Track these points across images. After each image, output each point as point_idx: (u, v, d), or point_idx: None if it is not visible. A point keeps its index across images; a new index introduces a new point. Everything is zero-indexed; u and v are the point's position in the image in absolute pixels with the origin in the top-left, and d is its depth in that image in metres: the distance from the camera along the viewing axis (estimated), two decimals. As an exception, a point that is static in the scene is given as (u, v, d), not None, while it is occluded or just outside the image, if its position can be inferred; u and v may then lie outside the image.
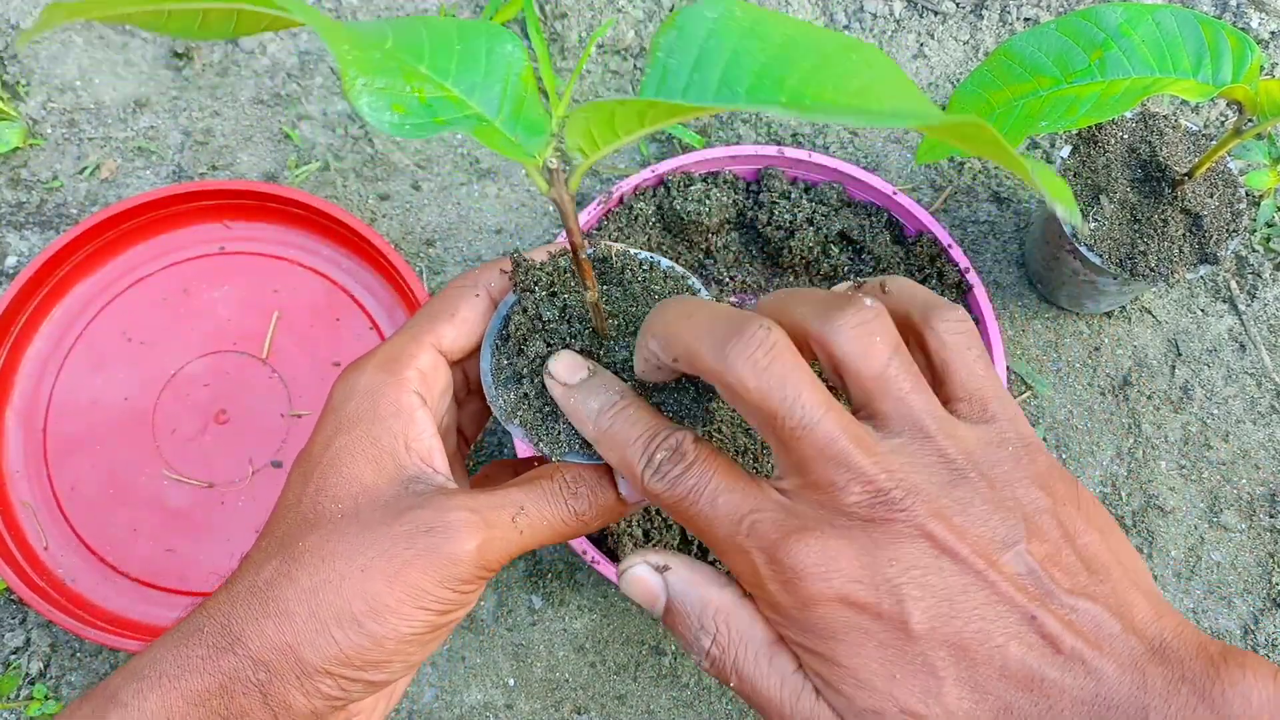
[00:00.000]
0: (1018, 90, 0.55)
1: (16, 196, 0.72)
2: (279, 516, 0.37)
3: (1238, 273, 0.73)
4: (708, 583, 0.34)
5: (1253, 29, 0.78)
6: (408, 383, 0.38)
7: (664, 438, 0.34)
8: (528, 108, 0.32)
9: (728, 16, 0.28)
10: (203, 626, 0.34)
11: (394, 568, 0.34)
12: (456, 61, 0.32)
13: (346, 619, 0.34)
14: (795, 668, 0.33)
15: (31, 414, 0.66)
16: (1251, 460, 0.69)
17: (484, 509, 0.35)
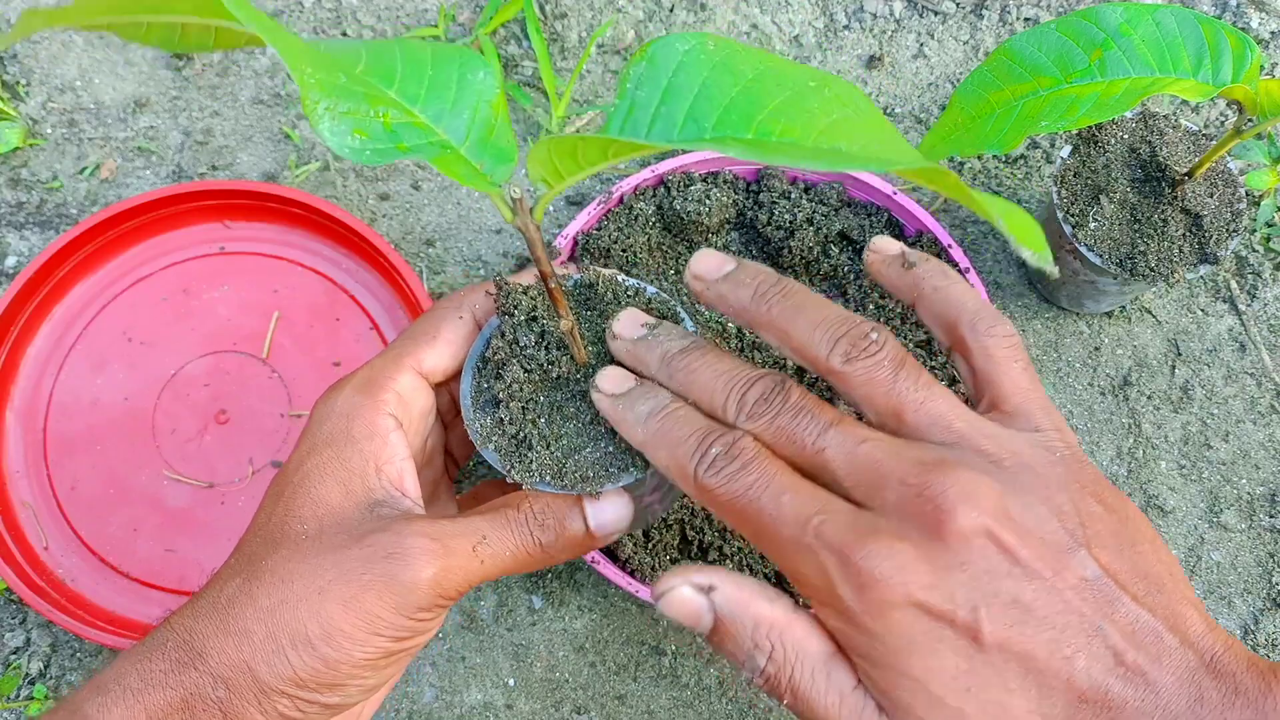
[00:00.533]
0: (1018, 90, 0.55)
1: (16, 196, 0.72)
2: (250, 534, 0.37)
3: (1238, 273, 0.73)
4: (757, 598, 0.33)
5: (1253, 29, 0.78)
6: (383, 405, 0.37)
7: (719, 435, 0.34)
8: (496, 135, 0.32)
9: (699, 49, 0.27)
10: (166, 641, 0.34)
11: (350, 592, 0.34)
12: (427, 87, 0.31)
13: (301, 640, 0.33)
14: (855, 684, 0.32)
15: (31, 414, 0.66)
16: (1251, 460, 0.69)
17: (444, 536, 0.35)
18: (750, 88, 0.26)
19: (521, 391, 0.38)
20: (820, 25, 0.77)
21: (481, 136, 0.32)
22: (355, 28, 0.75)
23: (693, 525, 0.60)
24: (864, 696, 0.32)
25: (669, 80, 0.27)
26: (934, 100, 0.76)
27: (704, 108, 0.26)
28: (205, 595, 0.36)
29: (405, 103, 0.31)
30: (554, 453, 0.38)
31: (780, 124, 0.25)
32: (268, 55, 0.75)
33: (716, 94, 0.26)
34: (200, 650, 0.34)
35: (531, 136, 0.74)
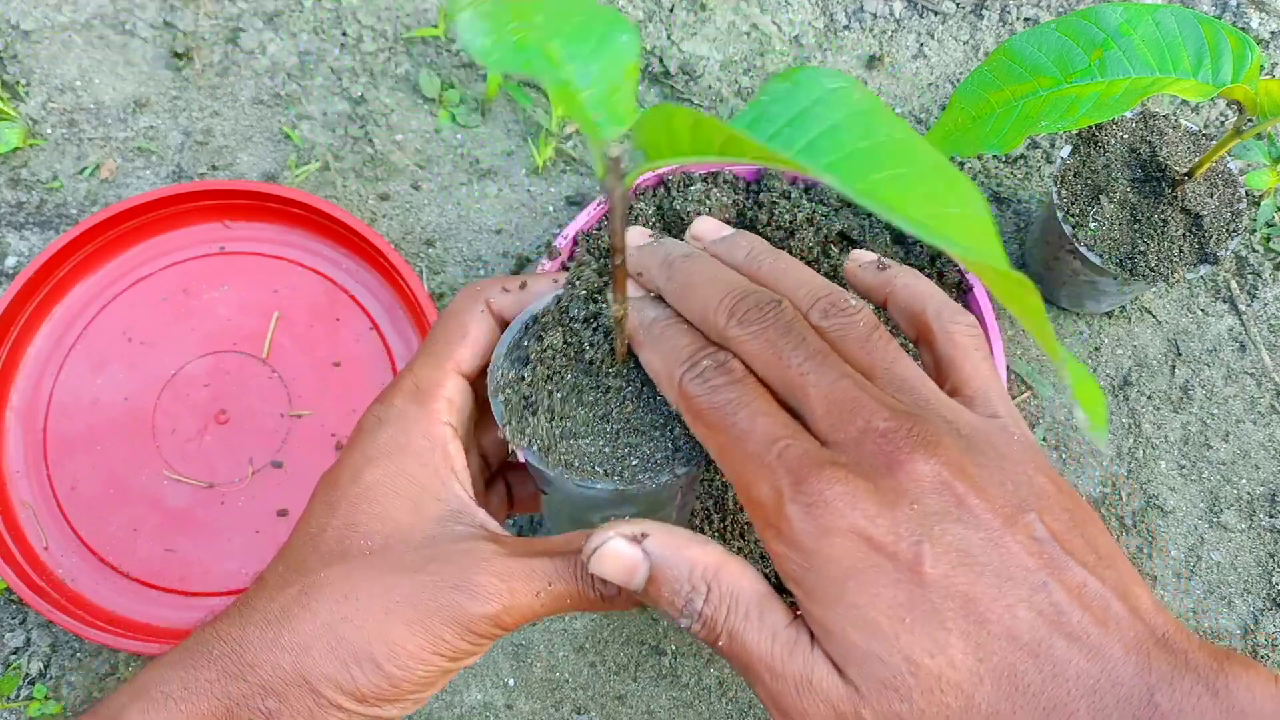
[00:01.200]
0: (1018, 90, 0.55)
1: (16, 196, 0.72)
2: (300, 541, 0.37)
3: (1238, 273, 0.73)
4: (690, 543, 0.33)
5: (1253, 29, 0.78)
6: (438, 414, 0.37)
7: (714, 351, 0.35)
8: (620, 97, 0.31)
9: (843, 93, 0.27)
10: (212, 649, 0.34)
11: (417, 615, 0.34)
12: (571, 27, 0.32)
13: (365, 659, 0.33)
14: (788, 622, 0.32)
15: (31, 414, 0.66)
16: (1251, 460, 0.69)
17: (512, 579, 0.35)
18: (878, 148, 0.26)
19: (553, 360, 0.38)
20: (820, 25, 0.77)
21: (604, 93, 0.31)
22: (355, 28, 0.75)
23: (692, 525, 0.60)
24: (797, 633, 0.32)
25: (804, 108, 0.27)
26: (934, 100, 0.76)
27: (826, 145, 0.26)
28: (254, 603, 0.35)
29: (547, 32, 0.31)
30: (553, 429, 0.38)
31: (891, 192, 0.25)
32: (268, 55, 0.75)
33: (844, 139, 0.27)
34: (251, 661, 0.33)
35: (531, 137, 0.74)
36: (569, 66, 0.31)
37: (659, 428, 0.38)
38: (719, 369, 0.34)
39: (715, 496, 0.61)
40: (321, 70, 0.75)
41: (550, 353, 0.38)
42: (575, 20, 0.32)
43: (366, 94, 0.74)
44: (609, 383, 0.38)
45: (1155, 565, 0.67)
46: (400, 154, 0.74)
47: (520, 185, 0.73)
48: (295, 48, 0.75)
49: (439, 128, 0.74)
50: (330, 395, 0.67)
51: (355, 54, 0.75)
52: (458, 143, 0.74)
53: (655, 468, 0.37)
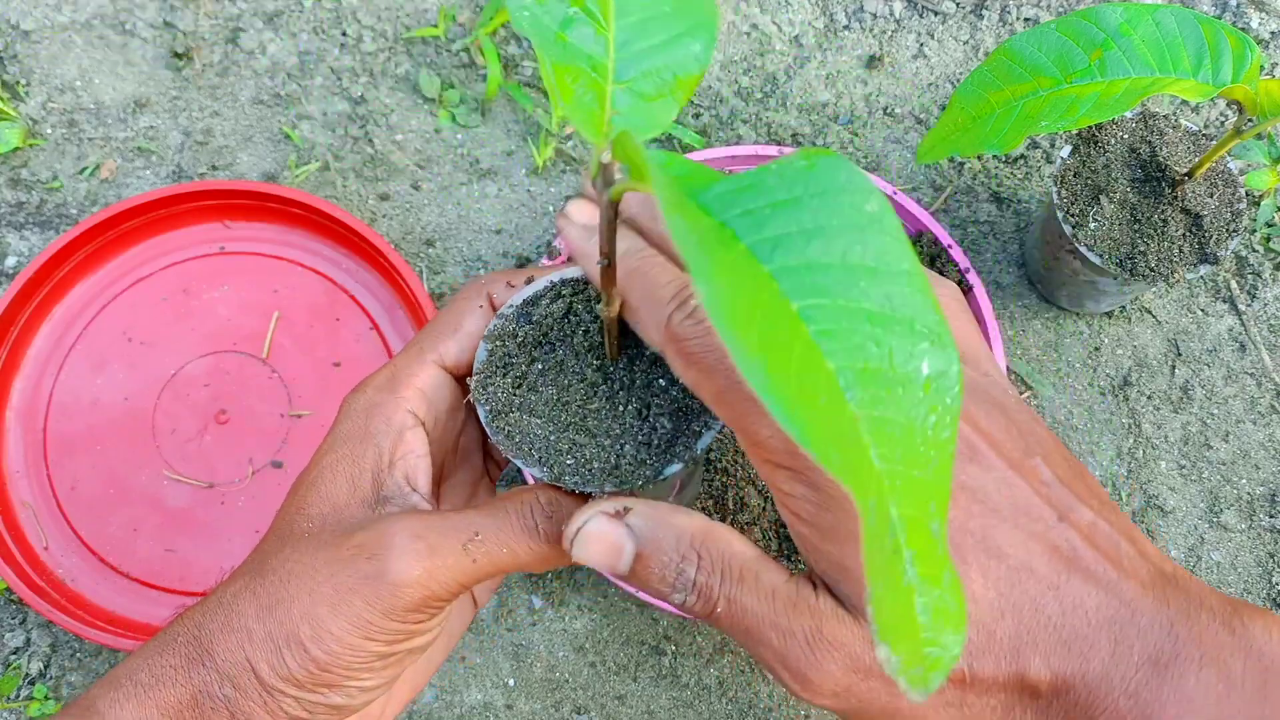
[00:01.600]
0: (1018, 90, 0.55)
1: (16, 196, 0.72)
2: (268, 531, 0.37)
3: (1238, 273, 0.73)
4: (673, 514, 0.32)
5: (1253, 29, 0.78)
6: (403, 401, 0.37)
7: None
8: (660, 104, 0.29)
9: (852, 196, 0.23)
10: (177, 636, 0.34)
11: (339, 594, 0.33)
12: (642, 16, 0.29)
13: (294, 641, 0.33)
14: (786, 578, 0.31)
15: (31, 414, 0.66)
16: (1251, 460, 0.69)
17: (430, 534, 0.33)
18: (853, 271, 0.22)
19: (535, 366, 0.37)
20: (820, 25, 0.77)
21: (647, 92, 0.29)
22: (355, 28, 0.75)
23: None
24: (799, 586, 0.31)
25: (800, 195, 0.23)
26: (934, 100, 0.76)
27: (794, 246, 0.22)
28: (218, 591, 0.35)
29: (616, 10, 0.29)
30: (512, 397, 0.37)
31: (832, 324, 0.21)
32: (268, 55, 0.75)
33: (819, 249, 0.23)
34: (208, 647, 0.34)
35: (531, 137, 0.74)
36: (617, 53, 0.29)
37: (611, 437, 0.36)
38: None
39: (715, 496, 0.61)
40: (321, 70, 0.75)
41: (546, 327, 0.38)
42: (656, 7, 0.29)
43: (366, 94, 0.74)
44: (585, 374, 0.37)
45: (1155, 565, 0.67)
46: (400, 154, 0.74)
47: (520, 185, 0.73)
48: (295, 48, 0.75)
49: (439, 128, 0.74)
50: (330, 395, 0.67)
51: (355, 54, 0.75)
52: (458, 143, 0.74)
53: (588, 475, 0.35)
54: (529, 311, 0.39)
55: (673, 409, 0.37)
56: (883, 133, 0.75)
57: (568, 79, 0.28)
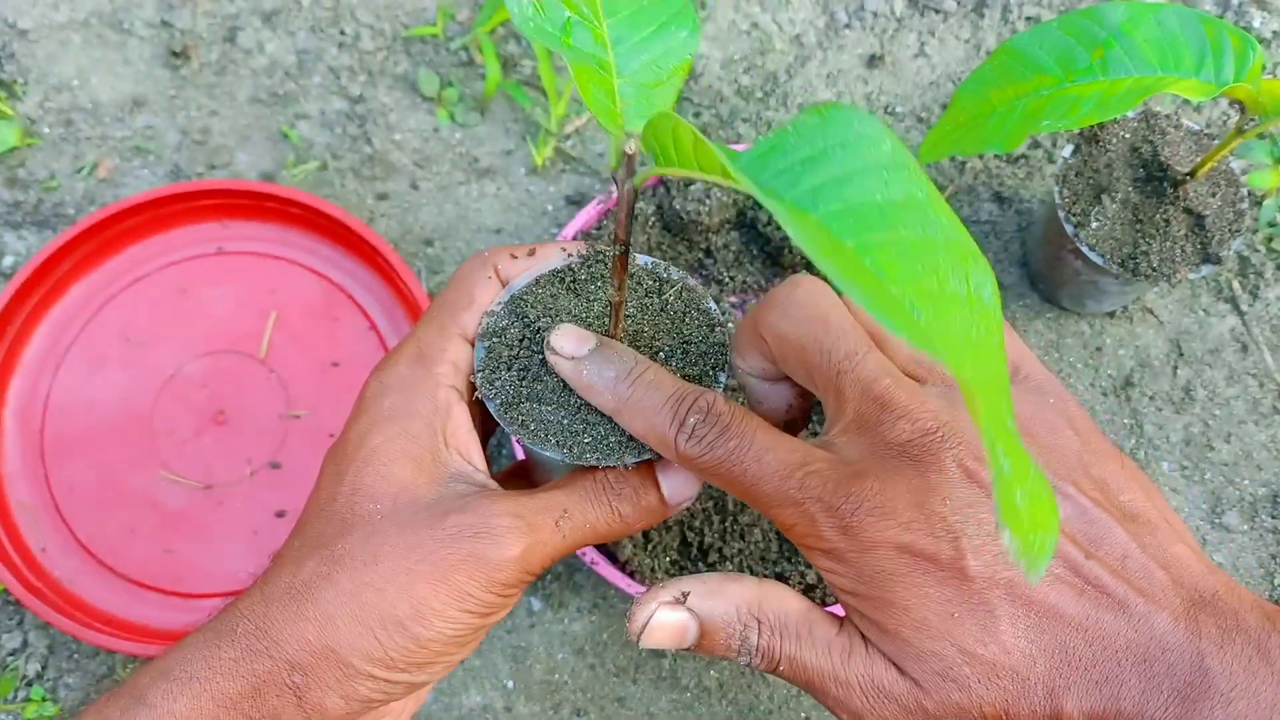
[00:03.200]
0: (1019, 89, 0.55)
1: (13, 196, 0.71)
2: (312, 514, 0.37)
3: (1240, 273, 0.72)
4: (726, 584, 0.34)
5: (1255, 28, 0.77)
6: (442, 376, 0.37)
7: (692, 400, 0.34)
8: (659, 92, 0.31)
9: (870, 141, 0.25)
10: (235, 627, 0.34)
11: (439, 572, 0.34)
12: (630, 12, 0.31)
13: (391, 622, 0.33)
14: (836, 632, 0.33)
15: (29, 415, 0.66)
16: (1254, 461, 0.68)
17: (528, 514, 0.35)
18: (888, 209, 0.24)
19: (547, 342, 0.37)
20: (821, 24, 0.77)
21: (647, 83, 0.31)
22: (353, 26, 0.75)
23: (691, 527, 0.60)
24: (849, 639, 0.33)
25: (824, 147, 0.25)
26: (935, 99, 0.75)
27: (831, 192, 0.24)
28: (275, 580, 0.35)
29: (604, 10, 0.31)
30: (520, 388, 0.37)
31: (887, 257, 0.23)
32: (266, 54, 0.75)
33: (853, 191, 0.24)
34: (275, 637, 0.33)
35: (530, 136, 0.73)
36: (614, 49, 0.30)
37: None
38: (708, 422, 0.33)
39: (715, 498, 0.61)
40: (319, 69, 0.75)
41: (539, 320, 0.38)
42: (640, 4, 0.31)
43: (365, 93, 0.74)
44: None
45: (1157, 566, 0.67)
46: (398, 153, 0.73)
47: (519, 184, 0.73)
48: (293, 46, 0.75)
49: (437, 126, 0.74)
50: (328, 395, 0.67)
51: (353, 52, 0.75)
52: (456, 141, 0.74)
53: (606, 451, 0.36)
54: (519, 307, 0.39)
55: (682, 375, 0.37)
56: (883, 132, 0.74)
57: (585, 80, 0.29)
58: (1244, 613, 0.31)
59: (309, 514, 0.37)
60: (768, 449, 0.33)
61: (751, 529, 0.60)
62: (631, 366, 0.35)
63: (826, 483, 0.32)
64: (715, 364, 0.38)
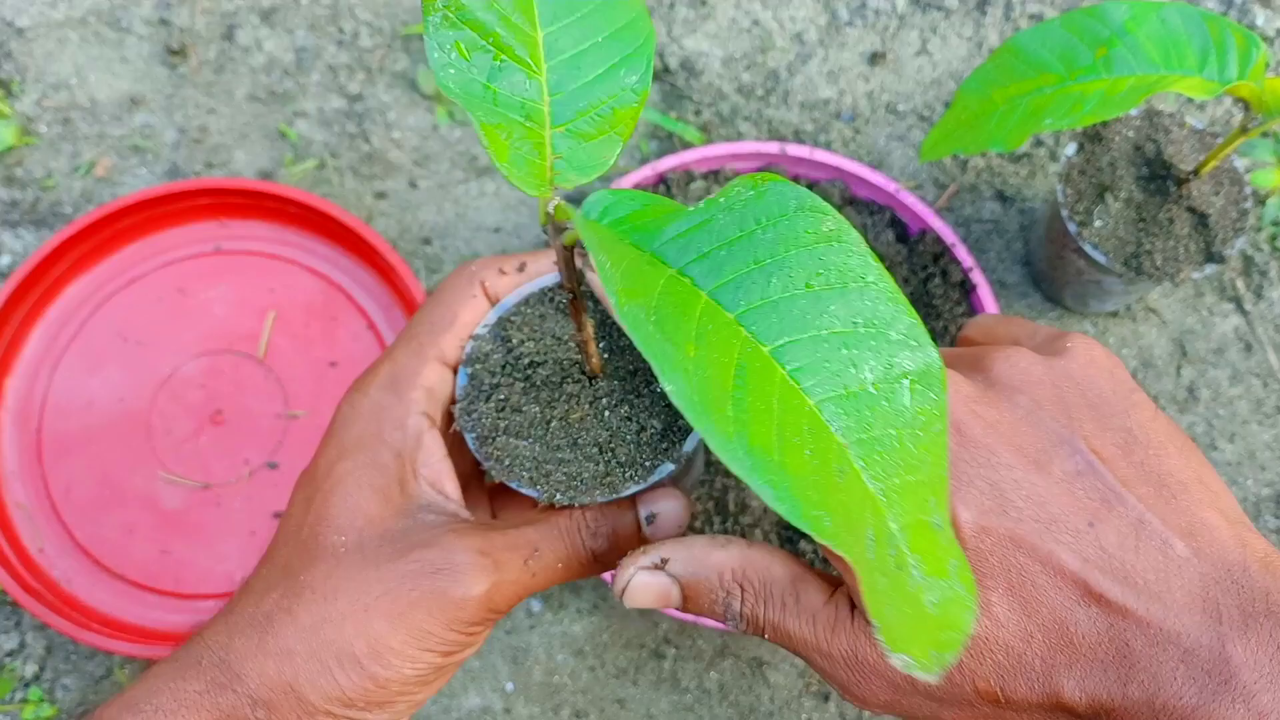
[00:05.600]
0: (1022, 87, 0.54)
1: (10, 195, 0.71)
2: (280, 541, 0.36)
3: (1244, 272, 0.72)
4: (711, 550, 0.33)
5: (1258, 26, 0.77)
6: (414, 403, 0.36)
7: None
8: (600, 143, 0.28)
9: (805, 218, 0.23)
10: (200, 659, 0.33)
11: (398, 609, 0.33)
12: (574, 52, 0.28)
13: (348, 659, 0.32)
14: (825, 600, 0.31)
15: (26, 415, 0.66)
16: (1257, 461, 0.68)
17: (495, 550, 0.34)
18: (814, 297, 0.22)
19: (523, 352, 0.37)
20: (822, 22, 0.76)
21: (587, 132, 0.28)
22: (352, 24, 0.75)
23: (692, 527, 0.59)
24: (836, 608, 0.31)
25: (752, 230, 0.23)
26: (937, 97, 0.75)
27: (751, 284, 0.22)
28: (240, 610, 0.34)
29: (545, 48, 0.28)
30: (497, 420, 0.36)
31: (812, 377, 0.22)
32: (264, 52, 0.74)
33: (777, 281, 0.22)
34: (238, 671, 0.33)
35: (530, 134, 0.73)
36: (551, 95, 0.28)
37: (599, 446, 0.36)
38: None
39: (716, 498, 0.60)
40: (318, 67, 0.74)
41: (523, 345, 0.37)
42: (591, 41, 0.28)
43: (364, 91, 0.74)
44: (567, 388, 0.37)
45: (1160, 567, 0.66)
46: (397, 151, 0.73)
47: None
48: (291, 44, 0.75)
49: (436, 125, 0.74)
50: (327, 395, 0.67)
51: (352, 50, 0.74)
52: (455, 140, 0.73)
53: (579, 488, 0.35)
54: (505, 330, 0.38)
55: (657, 411, 0.36)
56: (885, 130, 0.74)
57: (500, 135, 0.27)
58: (1277, 591, 0.27)
59: (277, 540, 0.36)
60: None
61: (753, 529, 0.60)
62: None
63: None
64: None
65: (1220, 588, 0.28)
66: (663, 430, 0.36)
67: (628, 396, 0.37)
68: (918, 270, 0.65)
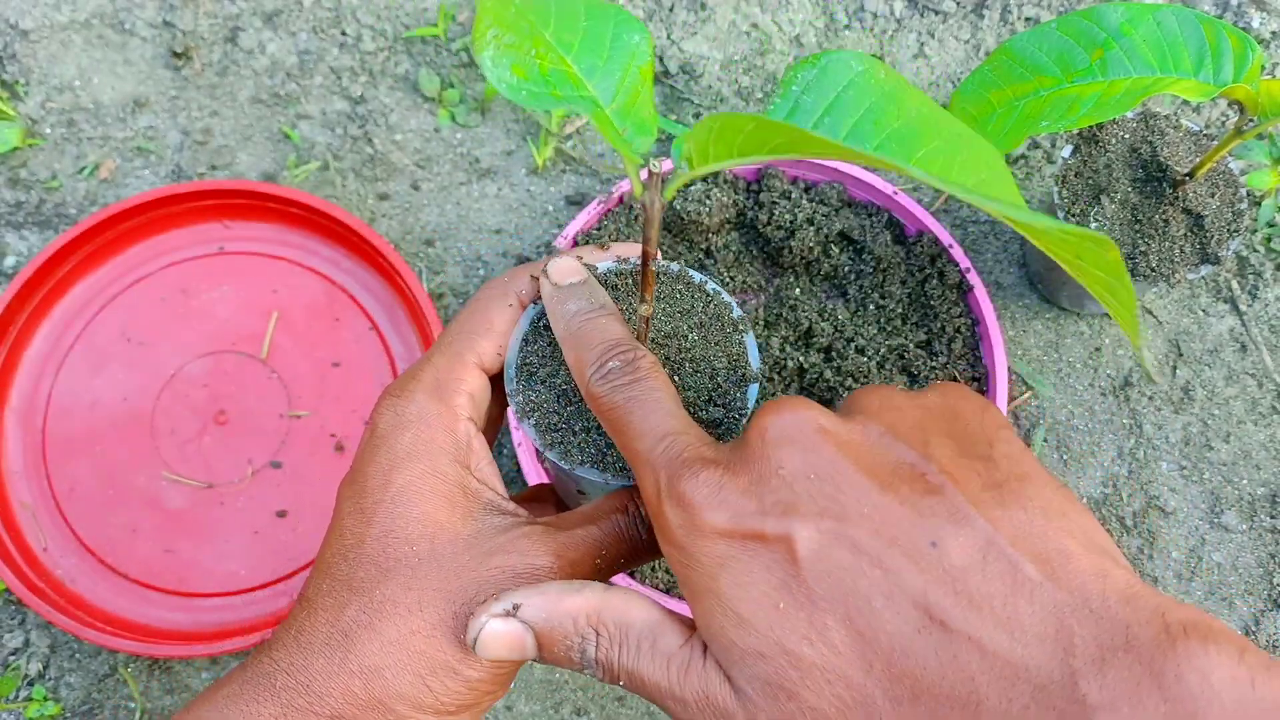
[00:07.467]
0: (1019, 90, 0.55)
1: (15, 196, 0.72)
2: (339, 556, 0.35)
3: (1239, 273, 0.73)
4: (565, 594, 0.32)
5: (1254, 29, 0.77)
6: (461, 409, 0.36)
7: (623, 350, 0.33)
8: (640, 105, 0.31)
9: (870, 74, 0.29)
10: (274, 681, 0.33)
11: None
12: (581, 38, 0.31)
13: (441, 668, 0.33)
14: (681, 643, 0.30)
15: (31, 414, 0.66)
16: (1252, 461, 0.69)
17: (569, 552, 0.34)
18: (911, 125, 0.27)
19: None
20: (820, 25, 0.77)
21: (627, 102, 0.31)
22: (354, 27, 0.75)
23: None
24: (691, 651, 0.30)
25: (837, 95, 0.28)
26: (935, 100, 0.76)
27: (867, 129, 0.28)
28: (312, 628, 0.34)
29: (559, 48, 0.31)
30: (595, 439, 0.37)
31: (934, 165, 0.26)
32: (267, 55, 0.75)
33: (880, 121, 0.28)
34: (319, 691, 0.32)
35: (531, 136, 0.73)
36: (591, 83, 0.31)
37: None
38: (624, 369, 0.33)
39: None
40: (321, 69, 0.75)
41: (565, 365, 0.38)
42: (582, 25, 0.31)
43: (366, 93, 0.74)
44: None
45: (1156, 566, 0.67)
46: (400, 153, 0.73)
47: (520, 185, 0.73)
48: (294, 47, 0.75)
49: (439, 127, 0.74)
50: (329, 395, 0.67)
51: (355, 53, 0.75)
52: (457, 142, 0.74)
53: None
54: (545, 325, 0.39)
55: (716, 394, 0.37)
56: (883, 132, 0.75)
57: (602, 125, 0.30)
58: (1138, 625, 0.25)
59: (334, 554, 0.36)
60: (656, 409, 0.32)
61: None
62: (594, 308, 0.35)
63: (681, 453, 0.30)
64: (741, 375, 0.38)
65: (1075, 617, 0.25)
66: (721, 417, 0.37)
67: (686, 377, 0.37)
68: (915, 271, 0.66)
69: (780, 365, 0.64)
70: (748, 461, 0.29)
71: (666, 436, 0.31)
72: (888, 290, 0.66)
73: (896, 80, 0.29)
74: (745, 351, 0.39)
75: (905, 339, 0.65)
